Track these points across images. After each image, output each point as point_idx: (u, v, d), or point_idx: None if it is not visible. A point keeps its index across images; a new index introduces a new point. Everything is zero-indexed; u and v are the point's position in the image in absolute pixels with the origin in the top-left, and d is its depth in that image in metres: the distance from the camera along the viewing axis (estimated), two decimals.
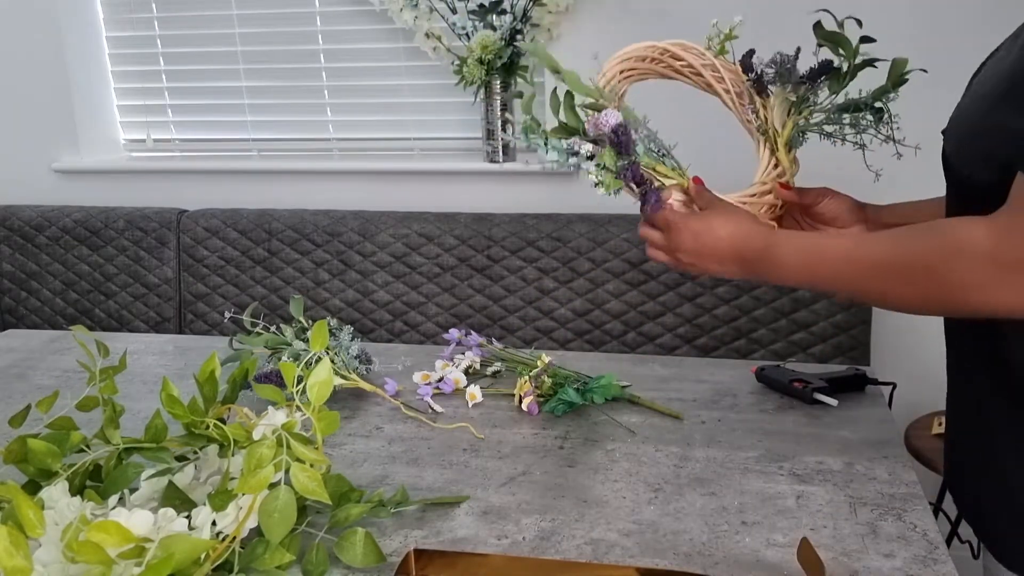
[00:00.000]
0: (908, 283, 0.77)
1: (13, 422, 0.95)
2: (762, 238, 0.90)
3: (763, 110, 1.03)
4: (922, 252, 0.76)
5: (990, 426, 0.85)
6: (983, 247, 0.71)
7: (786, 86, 1.01)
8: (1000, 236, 0.71)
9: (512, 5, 1.98)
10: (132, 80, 2.43)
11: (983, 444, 0.86)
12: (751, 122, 1.03)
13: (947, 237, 0.74)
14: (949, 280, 0.73)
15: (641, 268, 1.97)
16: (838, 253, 0.84)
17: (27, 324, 2.32)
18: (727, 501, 0.96)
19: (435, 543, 0.90)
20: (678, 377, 1.33)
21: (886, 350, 1.99)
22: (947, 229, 0.76)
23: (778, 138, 1.02)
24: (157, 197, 2.35)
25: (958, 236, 0.73)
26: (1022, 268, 0.70)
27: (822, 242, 0.87)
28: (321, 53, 2.27)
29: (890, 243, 0.80)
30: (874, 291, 0.82)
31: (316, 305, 2.14)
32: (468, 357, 1.37)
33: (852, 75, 1.00)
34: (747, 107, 1.03)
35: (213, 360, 0.95)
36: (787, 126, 1.02)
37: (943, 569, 0.83)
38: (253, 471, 0.80)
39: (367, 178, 2.25)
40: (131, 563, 0.72)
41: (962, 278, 0.73)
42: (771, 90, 1.03)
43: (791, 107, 1.02)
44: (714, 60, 1.04)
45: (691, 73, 1.04)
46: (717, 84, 1.04)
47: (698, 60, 1.03)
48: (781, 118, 1.02)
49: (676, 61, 1.04)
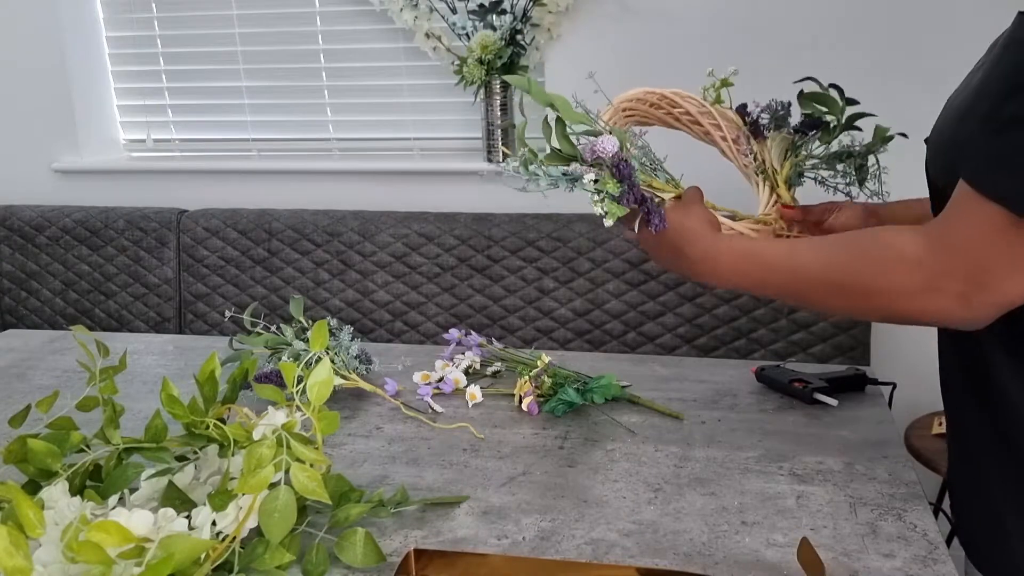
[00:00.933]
0: (838, 290, 0.78)
1: (13, 422, 0.95)
2: (704, 239, 0.89)
3: (761, 151, 1.04)
4: (853, 260, 0.77)
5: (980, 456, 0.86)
6: (911, 255, 0.72)
7: (783, 130, 1.04)
8: (929, 244, 0.72)
9: (512, 5, 1.98)
10: (132, 80, 2.43)
11: (972, 471, 0.88)
12: (747, 166, 1.05)
13: (878, 245, 0.76)
14: (877, 287, 0.75)
15: (641, 268, 1.97)
16: (775, 259, 0.84)
17: (27, 324, 2.32)
18: (727, 501, 0.96)
19: (435, 543, 0.90)
20: (678, 377, 1.33)
21: (886, 350, 1.99)
22: (880, 237, 0.77)
23: (777, 176, 1.03)
24: (157, 197, 2.35)
25: (888, 244, 0.75)
26: (948, 276, 0.71)
27: (759, 247, 0.87)
28: (321, 53, 2.27)
29: (823, 251, 0.81)
30: (806, 298, 0.83)
31: (316, 305, 2.14)
32: (468, 357, 1.37)
33: (840, 130, 1.03)
34: (744, 150, 1.04)
35: (213, 360, 0.95)
36: (785, 166, 1.04)
37: (943, 569, 0.83)
38: (253, 471, 0.80)
39: (367, 178, 2.25)
40: (131, 563, 0.72)
41: (889, 285, 0.74)
42: (768, 133, 1.05)
43: (788, 149, 1.04)
44: (711, 108, 1.05)
45: (689, 121, 1.06)
46: (715, 132, 1.05)
47: (695, 108, 1.05)
48: (779, 157, 1.05)
49: (674, 108, 1.05)
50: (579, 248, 2.00)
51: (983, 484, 0.86)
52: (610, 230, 1.93)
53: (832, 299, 0.80)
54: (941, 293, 0.71)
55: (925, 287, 0.72)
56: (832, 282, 0.79)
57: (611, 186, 0.93)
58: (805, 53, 1.90)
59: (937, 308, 0.72)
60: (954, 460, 0.93)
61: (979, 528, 0.88)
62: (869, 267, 0.75)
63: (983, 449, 0.85)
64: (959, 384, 0.88)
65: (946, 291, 0.71)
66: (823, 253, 0.80)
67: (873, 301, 0.76)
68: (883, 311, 0.76)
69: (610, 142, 0.93)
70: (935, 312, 0.73)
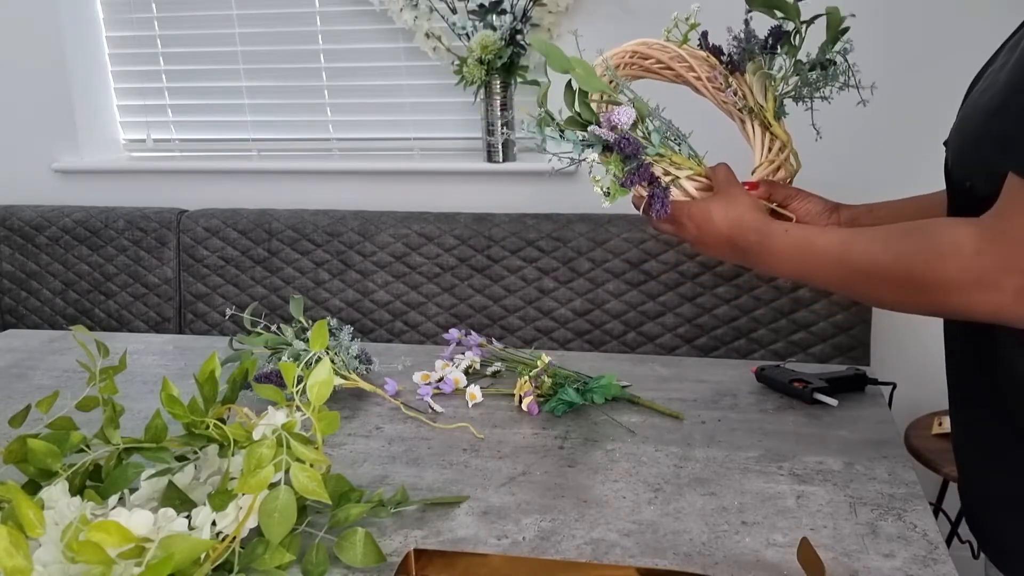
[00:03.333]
0: (893, 283, 0.77)
1: (13, 422, 0.95)
2: (756, 229, 0.90)
3: (740, 87, 1.03)
4: (908, 252, 0.76)
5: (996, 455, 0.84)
6: (967, 248, 0.71)
7: (756, 59, 1.02)
8: (984, 238, 0.71)
9: (512, 5, 1.98)
10: (132, 80, 2.43)
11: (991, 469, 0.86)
12: (726, 102, 1.03)
13: (933, 237, 0.74)
14: (932, 280, 0.73)
15: (641, 268, 1.97)
16: (827, 252, 0.84)
17: (27, 324, 2.32)
18: (727, 501, 0.96)
19: (435, 543, 0.90)
20: (678, 377, 1.33)
21: (886, 350, 1.99)
22: (934, 229, 0.75)
23: (766, 112, 1.02)
24: (157, 197, 2.35)
25: (943, 237, 0.73)
26: (1006, 272, 0.69)
27: (813, 238, 0.86)
28: (321, 53, 2.27)
29: (878, 243, 0.79)
30: (863, 290, 0.82)
31: (316, 305, 2.14)
32: (468, 357, 1.37)
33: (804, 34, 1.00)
34: (727, 91, 1.03)
35: (213, 360, 0.95)
36: (768, 99, 1.02)
37: (943, 569, 0.83)
38: (253, 471, 0.80)
39: (367, 178, 2.25)
40: (131, 563, 0.72)
41: (944, 279, 0.72)
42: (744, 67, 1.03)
43: (767, 79, 1.02)
44: (680, 51, 1.04)
45: (660, 68, 1.04)
46: (687, 73, 1.04)
47: (665, 54, 1.03)
48: (762, 92, 1.02)
49: (644, 60, 1.04)
50: (579, 248, 2.00)
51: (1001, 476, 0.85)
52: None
53: (885, 292, 0.79)
54: (997, 289, 0.70)
55: (981, 282, 0.70)
56: (886, 276, 0.78)
57: (615, 166, 0.92)
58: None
59: (993, 304, 0.70)
60: (966, 454, 0.91)
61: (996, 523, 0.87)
62: (924, 261, 0.74)
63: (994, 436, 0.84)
64: (968, 370, 0.87)
65: (1003, 287, 0.69)
66: (877, 246, 0.79)
67: (927, 295, 0.75)
68: (936, 305, 0.75)
69: (626, 113, 0.92)
70: (990, 308, 0.71)
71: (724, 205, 0.93)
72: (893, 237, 0.79)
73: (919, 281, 0.75)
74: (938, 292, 0.73)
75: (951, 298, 0.73)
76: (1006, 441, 0.82)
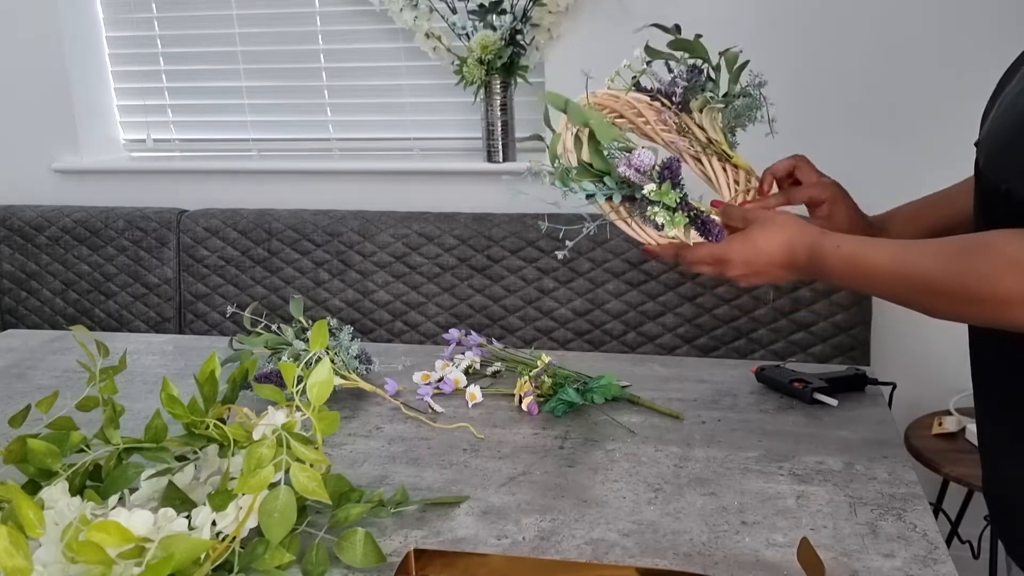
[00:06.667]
0: (949, 297, 0.77)
1: (13, 422, 0.95)
2: (806, 247, 0.89)
3: (693, 126, 1.04)
4: (960, 265, 0.75)
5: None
6: (1023, 261, 0.70)
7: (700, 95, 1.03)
8: None
9: (512, 5, 1.98)
10: (132, 80, 2.43)
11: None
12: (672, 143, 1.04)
13: (987, 251, 0.74)
14: (989, 295, 0.73)
15: (641, 268, 1.97)
16: (882, 265, 0.83)
17: (27, 324, 2.32)
18: (727, 501, 0.96)
19: (435, 543, 0.90)
20: (678, 377, 1.33)
21: (886, 350, 1.99)
22: (988, 242, 0.75)
23: (722, 145, 1.03)
24: (157, 197, 2.35)
25: (999, 249, 0.73)
26: None
27: (866, 251, 0.86)
28: (321, 53, 2.27)
29: (930, 257, 0.79)
30: (917, 303, 0.82)
31: (316, 305, 2.14)
32: (468, 357, 1.37)
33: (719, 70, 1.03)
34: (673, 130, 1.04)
35: (213, 360, 0.95)
36: (719, 131, 1.04)
37: (943, 569, 0.83)
38: (253, 471, 0.80)
39: (367, 178, 2.25)
40: (131, 563, 0.72)
41: (999, 292, 0.72)
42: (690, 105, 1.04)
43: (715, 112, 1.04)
44: (627, 98, 1.04)
45: (614, 117, 1.05)
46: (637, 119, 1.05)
47: (615, 103, 1.04)
48: (712, 126, 1.04)
49: (603, 110, 1.04)
50: (579, 248, 2.00)
51: None
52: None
53: (939, 305, 0.79)
54: None
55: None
56: (939, 289, 0.77)
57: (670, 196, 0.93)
58: (807, 53, 1.90)
59: None
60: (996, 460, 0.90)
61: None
62: (978, 273, 0.73)
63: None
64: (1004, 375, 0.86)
65: None
66: (929, 258, 0.79)
67: (982, 308, 0.74)
68: (991, 318, 0.75)
69: (647, 155, 0.93)
70: None
71: (767, 231, 0.92)
72: (947, 250, 0.78)
73: (975, 296, 0.74)
74: (994, 306, 0.73)
75: (1007, 312, 0.72)
76: None
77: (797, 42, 1.90)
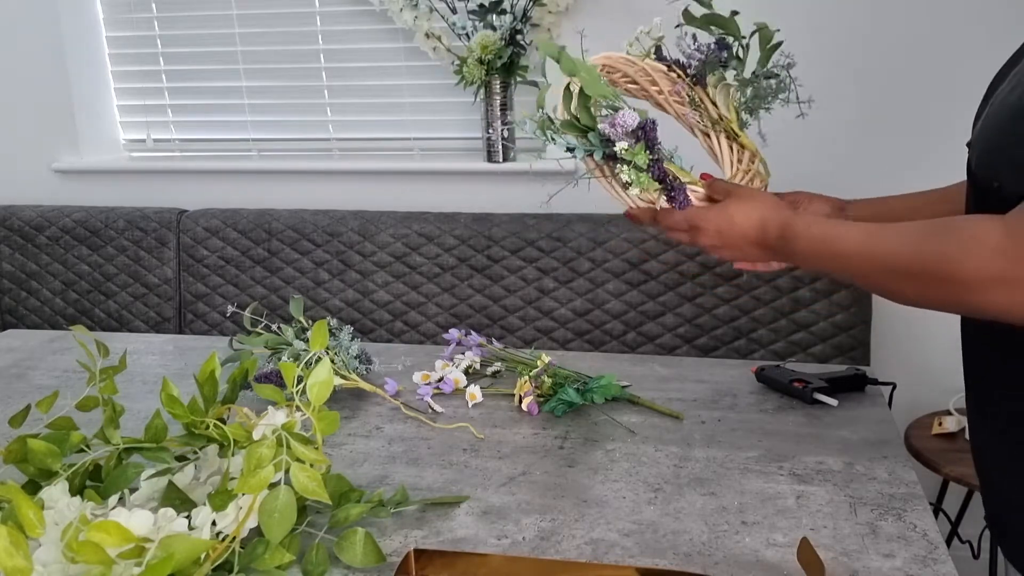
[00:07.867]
0: (914, 279, 0.76)
1: (13, 422, 0.95)
2: (778, 225, 0.90)
3: (704, 101, 1.03)
4: (929, 248, 0.75)
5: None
6: (989, 245, 0.70)
7: (716, 71, 1.02)
8: (1007, 235, 0.69)
9: (512, 5, 1.98)
10: (132, 80, 2.43)
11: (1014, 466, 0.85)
12: (696, 118, 1.03)
13: (955, 233, 0.73)
14: (952, 276, 0.72)
15: (641, 268, 1.97)
16: (850, 246, 0.83)
17: (27, 324, 2.32)
18: (727, 501, 0.96)
19: (435, 543, 0.90)
20: (678, 377, 1.33)
21: (886, 350, 1.99)
22: (956, 225, 0.74)
23: (731, 123, 1.02)
24: (157, 197, 2.35)
25: (965, 232, 0.72)
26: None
27: (837, 232, 0.86)
28: (321, 53, 2.27)
29: (899, 238, 0.79)
30: (883, 285, 0.81)
31: (316, 305, 2.14)
32: (468, 357, 1.37)
33: (747, 48, 1.02)
34: (687, 103, 1.03)
35: (213, 360, 0.95)
36: (731, 110, 1.03)
37: (943, 569, 0.83)
38: (253, 471, 0.80)
39: (367, 178, 2.25)
40: (131, 563, 0.72)
41: (965, 275, 0.71)
42: (706, 80, 1.03)
43: (729, 90, 1.03)
44: (643, 65, 1.04)
45: (626, 82, 1.05)
46: (651, 87, 1.04)
47: (630, 68, 1.04)
48: (725, 103, 1.03)
49: (611, 74, 1.04)
50: (579, 248, 2.00)
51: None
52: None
53: (907, 288, 0.78)
54: (1019, 286, 0.69)
55: (1003, 278, 0.69)
56: (907, 271, 0.77)
57: (641, 156, 0.92)
58: (801, 53, 1.89)
59: (1012, 301, 0.69)
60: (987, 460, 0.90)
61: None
62: (946, 256, 0.73)
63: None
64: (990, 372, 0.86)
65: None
66: (898, 240, 0.78)
67: (948, 291, 0.73)
68: (957, 302, 0.74)
69: (631, 116, 0.93)
70: (1011, 305, 0.70)
71: (745, 206, 0.93)
72: (915, 233, 0.78)
73: (940, 277, 0.73)
74: (959, 288, 0.72)
75: (972, 295, 0.72)
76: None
77: (790, 42, 1.90)
